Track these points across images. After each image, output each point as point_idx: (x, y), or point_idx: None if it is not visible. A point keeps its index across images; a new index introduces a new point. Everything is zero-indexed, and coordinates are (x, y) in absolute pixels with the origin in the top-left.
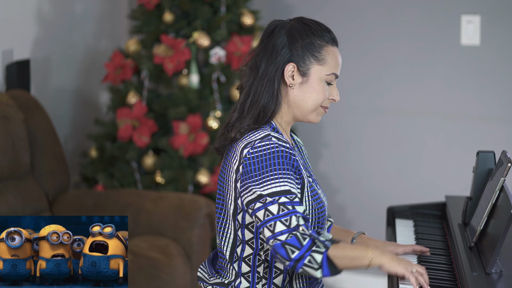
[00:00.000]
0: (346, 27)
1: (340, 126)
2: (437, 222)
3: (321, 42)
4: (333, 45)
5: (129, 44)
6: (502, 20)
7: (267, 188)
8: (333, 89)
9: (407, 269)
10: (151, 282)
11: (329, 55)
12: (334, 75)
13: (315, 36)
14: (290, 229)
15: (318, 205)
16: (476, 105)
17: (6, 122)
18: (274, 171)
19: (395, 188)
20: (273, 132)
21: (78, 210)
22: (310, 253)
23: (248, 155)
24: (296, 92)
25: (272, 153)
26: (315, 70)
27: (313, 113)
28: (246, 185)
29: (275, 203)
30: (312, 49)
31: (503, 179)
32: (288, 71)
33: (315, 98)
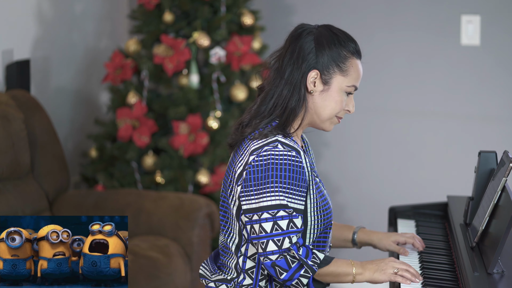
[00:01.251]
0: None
1: (340, 126)
2: (439, 222)
3: (347, 54)
4: (357, 57)
5: (129, 44)
6: (502, 20)
7: (265, 200)
8: (350, 101)
9: (391, 274)
10: (151, 282)
11: (352, 67)
12: (354, 87)
13: (342, 46)
14: (282, 250)
15: (325, 206)
16: (476, 105)
17: (6, 122)
18: (275, 183)
19: (395, 188)
20: (282, 138)
21: (78, 210)
22: (298, 277)
23: (253, 163)
24: (316, 99)
25: (276, 164)
26: (338, 80)
27: (327, 122)
28: (246, 192)
29: (270, 220)
30: (337, 59)
31: (504, 179)
32: (311, 77)
33: (333, 107)
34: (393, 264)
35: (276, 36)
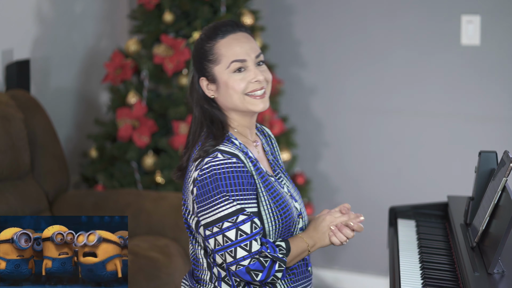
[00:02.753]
0: (346, 27)
1: (340, 126)
2: (439, 222)
3: (209, 43)
4: (224, 37)
5: (129, 44)
6: (502, 20)
7: (222, 210)
8: (249, 73)
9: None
10: (151, 282)
11: (220, 50)
12: (237, 62)
13: (203, 42)
14: (252, 253)
15: (281, 206)
16: (476, 105)
17: (6, 122)
18: (225, 192)
19: (396, 188)
20: (222, 146)
21: (78, 210)
22: (274, 273)
23: (199, 178)
24: (220, 99)
25: (219, 173)
26: (217, 71)
27: (245, 105)
28: (201, 207)
29: (232, 228)
30: (204, 56)
31: (505, 179)
32: (204, 86)
33: (233, 93)
34: (326, 224)
35: (276, 36)
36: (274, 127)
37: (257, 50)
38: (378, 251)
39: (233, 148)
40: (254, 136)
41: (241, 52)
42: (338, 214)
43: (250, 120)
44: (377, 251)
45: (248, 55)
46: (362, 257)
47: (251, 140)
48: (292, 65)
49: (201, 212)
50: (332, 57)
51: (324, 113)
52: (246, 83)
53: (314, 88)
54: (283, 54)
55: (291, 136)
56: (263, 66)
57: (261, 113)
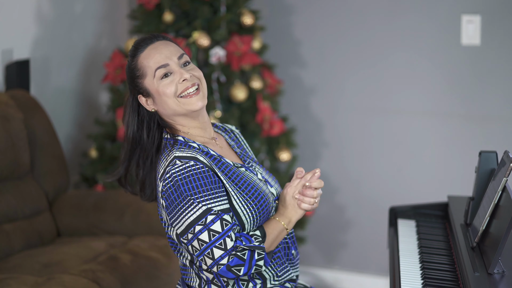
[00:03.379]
0: (346, 27)
1: (340, 126)
2: (440, 222)
3: (133, 61)
4: (142, 50)
5: (129, 44)
6: (502, 20)
7: (190, 215)
8: (175, 75)
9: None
10: (151, 282)
11: (143, 63)
12: (161, 68)
13: (129, 62)
14: (228, 250)
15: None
16: (476, 105)
17: (6, 122)
18: (189, 197)
19: (396, 188)
20: (178, 152)
21: (78, 210)
22: (255, 263)
23: (163, 189)
24: (160, 109)
25: (180, 180)
26: (147, 84)
27: (182, 107)
28: (172, 218)
29: (204, 230)
30: (133, 75)
31: (505, 179)
32: (143, 102)
33: (167, 99)
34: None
35: (276, 36)
36: (274, 127)
37: (178, 52)
38: (378, 251)
39: (190, 151)
40: (212, 134)
41: (161, 58)
42: (296, 182)
43: (198, 120)
44: (377, 251)
45: (169, 59)
46: (362, 257)
47: (209, 138)
48: (292, 65)
49: (173, 222)
50: (332, 57)
51: (324, 113)
52: (175, 85)
53: (314, 88)
54: (283, 54)
55: (291, 136)
56: (189, 66)
57: (261, 113)
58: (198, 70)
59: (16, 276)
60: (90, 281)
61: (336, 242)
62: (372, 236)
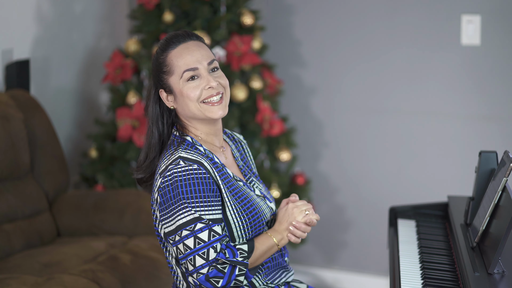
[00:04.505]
0: (346, 27)
1: (340, 126)
2: (440, 222)
3: (162, 55)
4: (175, 47)
5: (129, 44)
6: (502, 20)
7: (180, 218)
8: (202, 80)
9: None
10: (151, 282)
11: (172, 61)
12: (189, 71)
13: (158, 55)
14: (210, 261)
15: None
16: (476, 105)
17: (6, 122)
18: (184, 200)
19: (396, 188)
20: (183, 153)
21: (78, 210)
22: (235, 277)
23: (161, 185)
24: (178, 108)
25: (180, 181)
26: (172, 82)
27: (203, 112)
28: (163, 216)
29: (191, 236)
30: (160, 68)
31: (505, 179)
32: (163, 98)
33: (188, 101)
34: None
35: (276, 36)
36: (274, 127)
37: (210, 57)
38: (378, 251)
39: (195, 155)
40: (222, 142)
41: (192, 61)
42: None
43: (213, 127)
44: (377, 251)
45: (199, 63)
46: (362, 257)
47: (217, 146)
48: (292, 65)
49: (163, 220)
50: (332, 57)
51: (324, 113)
52: (200, 90)
53: (314, 88)
54: (283, 54)
55: (291, 136)
56: (217, 72)
57: (261, 113)
58: (225, 78)
59: (16, 276)
60: (90, 281)
61: (336, 242)
62: (372, 236)
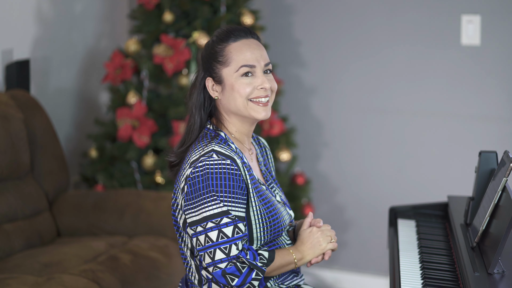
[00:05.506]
0: (346, 27)
1: (340, 126)
2: (439, 222)
3: (220, 45)
4: (236, 40)
5: (129, 44)
6: (502, 20)
7: (207, 210)
8: (256, 79)
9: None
10: (151, 282)
11: (231, 53)
12: (246, 66)
13: (214, 43)
14: (230, 257)
15: (270, 213)
16: (476, 105)
17: (6, 122)
18: (214, 192)
19: (396, 188)
20: (217, 146)
21: (78, 210)
22: (250, 280)
23: (191, 175)
24: (223, 100)
25: (211, 173)
26: (225, 73)
27: (248, 110)
28: (189, 205)
29: (215, 229)
30: (214, 57)
31: (505, 179)
32: (209, 86)
33: (238, 96)
34: (322, 235)
35: (276, 36)
36: (274, 127)
37: (267, 59)
38: (378, 251)
39: (228, 150)
40: (250, 145)
41: (251, 58)
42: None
43: (249, 128)
44: (377, 251)
45: (257, 62)
46: (362, 257)
47: (247, 147)
48: (292, 65)
49: (188, 210)
50: (332, 57)
51: (324, 113)
52: (252, 88)
53: (314, 88)
54: (283, 54)
55: (291, 136)
56: (270, 75)
57: None
58: (275, 83)
59: (16, 276)
60: (90, 281)
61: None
62: (372, 236)
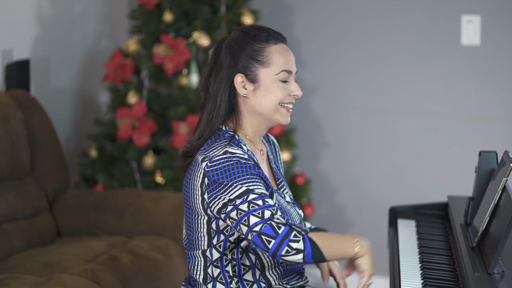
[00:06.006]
0: (346, 27)
1: (340, 126)
2: (439, 222)
3: (261, 45)
4: (276, 43)
5: (129, 44)
6: (502, 20)
7: (234, 192)
8: (291, 85)
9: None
10: (151, 282)
11: (273, 55)
12: (286, 71)
13: (253, 40)
14: (264, 219)
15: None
16: (476, 105)
17: (6, 122)
18: (238, 176)
19: (396, 188)
20: (230, 148)
21: (78, 210)
22: (288, 242)
23: (207, 168)
24: (252, 100)
25: (231, 164)
26: (263, 74)
27: (276, 114)
28: (213, 195)
29: (245, 202)
30: (253, 55)
31: (505, 179)
32: (238, 82)
33: (272, 99)
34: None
35: None
36: (274, 127)
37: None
38: (378, 251)
39: (240, 151)
40: (261, 145)
41: (291, 64)
42: None
43: (265, 130)
44: (377, 251)
45: (293, 68)
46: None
47: (258, 148)
48: None
49: (212, 200)
50: (332, 57)
51: (324, 113)
52: (286, 94)
53: (314, 88)
54: None
55: (291, 136)
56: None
57: None
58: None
59: (16, 276)
60: (90, 281)
61: None
62: (372, 236)
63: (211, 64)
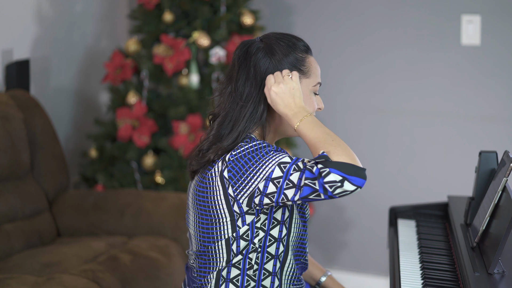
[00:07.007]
0: (346, 27)
1: (340, 126)
2: (440, 222)
3: (302, 55)
4: (311, 54)
5: (129, 44)
6: (502, 20)
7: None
8: (318, 99)
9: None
10: (151, 282)
11: (312, 66)
12: (319, 84)
13: (295, 49)
14: (302, 171)
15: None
16: (476, 105)
17: (6, 122)
18: (263, 156)
19: (396, 188)
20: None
21: (78, 210)
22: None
23: (232, 158)
24: None
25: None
26: (304, 84)
27: None
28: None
29: (275, 168)
30: (296, 64)
31: (505, 179)
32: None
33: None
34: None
35: None
36: None
37: None
38: (378, 251)
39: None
40: None
41: (320, 77)
42: None
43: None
44: (377, 251)
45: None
46: (362, 257)
47: None
48: None
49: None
50: (332, 57)
51: (324, 113)
52: (315, 107)
53: None
54: None
55: None
56: None
57: None
58: None
59: (16, 276)
60: (90, 281)
61: (336, 242)
62: (372, 236)
63: (243, 68)
